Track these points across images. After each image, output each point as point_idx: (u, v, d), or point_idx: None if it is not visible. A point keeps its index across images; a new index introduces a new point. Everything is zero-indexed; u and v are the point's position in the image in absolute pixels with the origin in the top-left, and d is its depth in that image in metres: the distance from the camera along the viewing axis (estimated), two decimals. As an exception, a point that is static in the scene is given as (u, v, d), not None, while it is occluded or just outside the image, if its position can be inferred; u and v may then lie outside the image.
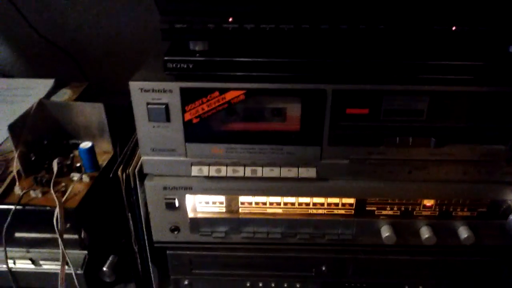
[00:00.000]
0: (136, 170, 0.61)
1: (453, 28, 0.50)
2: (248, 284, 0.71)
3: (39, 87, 0.77)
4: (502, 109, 0.55)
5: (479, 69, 0.52)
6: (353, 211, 0.64)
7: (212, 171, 0.60)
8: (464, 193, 0.62)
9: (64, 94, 0.80)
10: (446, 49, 0.53)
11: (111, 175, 0.61)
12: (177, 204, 0.63)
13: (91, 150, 0.69)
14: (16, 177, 0.67)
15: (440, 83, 0.53)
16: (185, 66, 0.53)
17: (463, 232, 0.63)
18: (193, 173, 0.60)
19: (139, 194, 0.62)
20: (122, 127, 0.72)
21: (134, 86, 0.55)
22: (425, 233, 0.63)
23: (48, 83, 0.80)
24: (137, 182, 0.62)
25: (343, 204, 0.64)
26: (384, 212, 0.64)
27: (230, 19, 0.50)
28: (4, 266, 0.66)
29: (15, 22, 0.96)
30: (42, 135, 0.73)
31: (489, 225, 0.63)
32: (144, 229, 0.66)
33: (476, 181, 0.60)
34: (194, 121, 0.56)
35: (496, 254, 0.67)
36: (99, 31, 0.98)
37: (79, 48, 0.99)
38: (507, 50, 0.52)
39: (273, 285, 0.71)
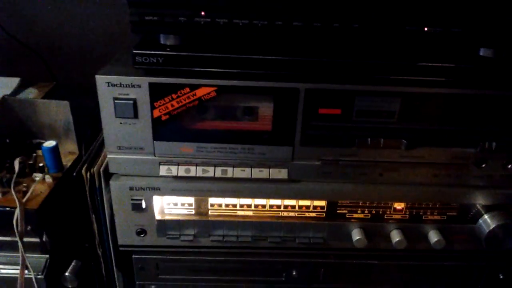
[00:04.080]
0: (102, 169, 0.59)
1: (425, 29, 0.50)
2: (216, 290, 0.70)
3: (4, 85, 0.74)
4: (473, 112, 0.55)
5: (451, 71, 0.53)
6: (324, 214, 0.63)
7: (181, 171, 0.58)
8: (434, 196, 0.62)
9: (30, 94, 0.77)
10: (418, 51, 0.54)
11: (74, 174, 0.59)
12: (144, 206, 0.61)
13: (54, 149, 0.66)
14: (-26, 176, 0.64)
15: (412, 84, 0.53)
16: (155, 60, 0.51)
17: (433, 236, 0.63)
18: (161, 173, 0.59)
19: (104, 195, 0.60)
20: (88, 128, 0.70)
21: (101, 80, 0.53)
22: (395, 236, 0.63)
23: (13, 81, 0.77)
24: (102, 182, 0.60)
25: (315, 207, 0.63)
26: (355, 215, 0.63)
27: (202, 13, 0.49)
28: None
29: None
30: (4, 134, 0.70)
31: (459, 229, 0.64)
32: (109, 232, 0.64)
33: (446, 184, 0.60)
34: (163, 118, 0.55)
35: (466, 259, 0.67)
36: (68, 30, 0.96)
37: (47, 48, 0.96)
38: (478, 53, 0.53)
39: (242, 291, 0.70)
